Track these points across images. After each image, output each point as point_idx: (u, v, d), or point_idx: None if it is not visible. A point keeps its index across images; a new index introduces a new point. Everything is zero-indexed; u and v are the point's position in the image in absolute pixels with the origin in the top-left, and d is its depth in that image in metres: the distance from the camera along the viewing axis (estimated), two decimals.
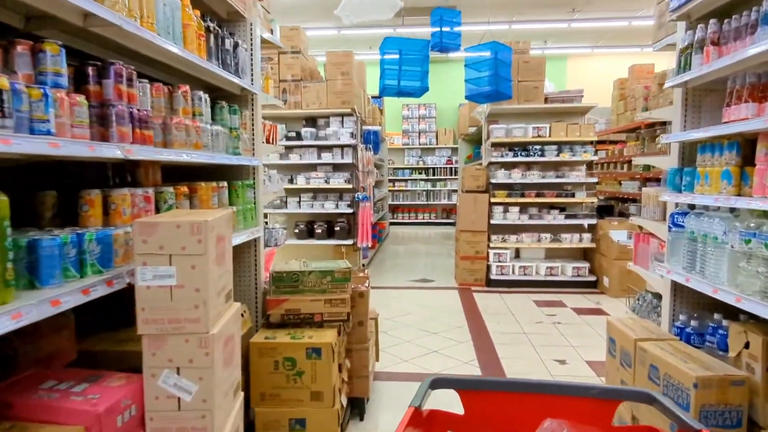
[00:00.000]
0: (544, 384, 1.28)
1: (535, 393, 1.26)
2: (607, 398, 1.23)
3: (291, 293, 2.59)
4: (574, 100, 6.39)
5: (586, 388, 1.24)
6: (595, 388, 1.24)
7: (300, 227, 6.62)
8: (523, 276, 6.30)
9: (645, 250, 2.99)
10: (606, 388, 1.26)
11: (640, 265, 3.10)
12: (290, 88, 6.44)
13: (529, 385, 1.28)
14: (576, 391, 1.25)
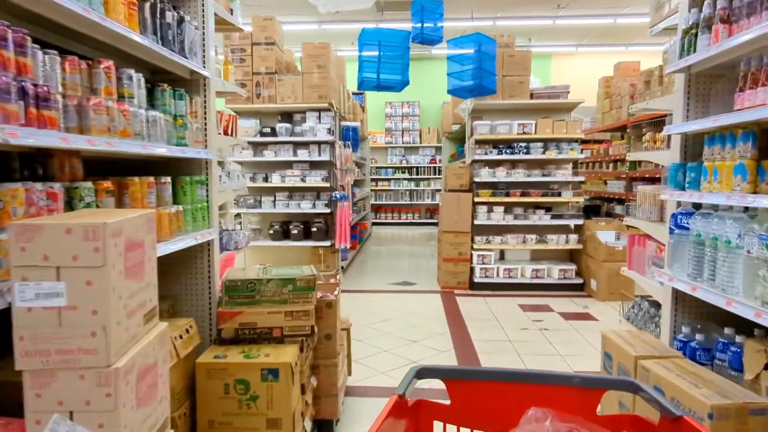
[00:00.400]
0: (529, 373, 1.28)
1: (520, 382, 1.27)
2: (591, 387, 1.23)
3: (246, 305, 2.27)
4: (560, 96, 6.15)
5: (570, 378, 1.25)
6: (580, 377, 1.24)
7: (275, 228, 6.28)
8: (507, 279, 6.04)
9: (641, 253, 2.74)
10: (590, 377, 1.25)
11: (635, 270, 2.85)
12: (264, 82, 6.10)
13: (515, 374, 1.28)
14: (561, 380, 1.25)
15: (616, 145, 9.51)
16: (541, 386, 1.26)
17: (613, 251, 5.52)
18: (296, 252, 6.66)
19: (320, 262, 6.42)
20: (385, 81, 5.57)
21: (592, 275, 5.77)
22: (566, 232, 6.27)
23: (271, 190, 6.49)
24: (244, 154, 6.28)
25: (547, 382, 1.26)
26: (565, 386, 1.24)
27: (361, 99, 10.31)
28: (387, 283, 6.54)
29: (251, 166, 6.67)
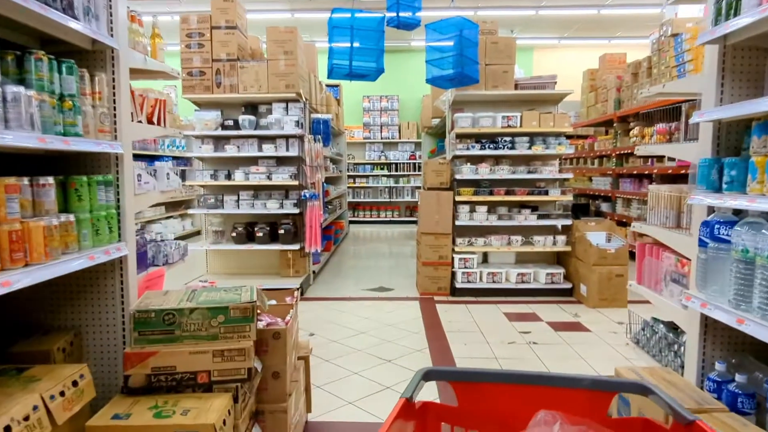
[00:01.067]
0: (537, 375, 1.27)
1: (529, 384, 1.25)
2: (601, 390, 1.22)
3: (163, 342, 1.75)
4: (546, 87, 5.71)
5: (579, 380, 1.23)
6: (590, 379, 1.23)
7: (238, 230, 5.73)
8: (491, 284, 5.60)
9: (655, 267, 2.30)
10: (600, 380, 1.23)
11: (647, 286, 2.40)
12: (225, 69, 5.54)
13: (523, 376, 1.27)
14: (570, 382, 1.23)
15: (601, 141, 9.15)
16: (550, 389, 1.24)
17: (605, 254, 5.11)
18: (263, 256, 6.13)
19: (289, 267, 5.90)
20: (358, 69, 5.06)
21: (581, 280, 5.36)
22: (554, 233, 5.85)
23: (234, 188, 5.94)
24: (204, 149, 5.71)
25: (556, 385, 1.23)
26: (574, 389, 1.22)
27: (336, 91, 9.77)
28: (362, 288, 6.05)
29: (212, 162, 6.11)
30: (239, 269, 6.22)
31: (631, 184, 7.87)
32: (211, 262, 6.24)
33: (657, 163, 7.11)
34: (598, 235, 5.43)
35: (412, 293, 5.80)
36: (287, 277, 5.90)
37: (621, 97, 8.25)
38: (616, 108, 8.36)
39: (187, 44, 5.49)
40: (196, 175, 5.84)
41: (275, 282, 5.71)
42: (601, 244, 5.25)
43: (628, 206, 8.00)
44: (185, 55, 5.52)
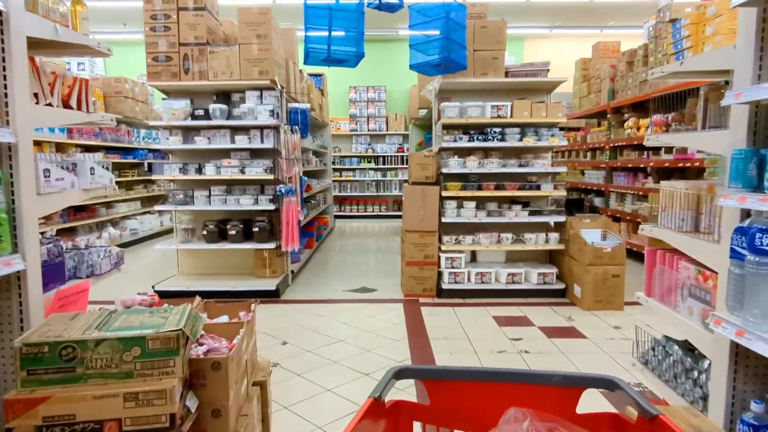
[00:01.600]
0: (509, 372, 1.26)
1: (500, 382, 1.25)
2: (570, 386, 1.22)
3: (60, 383, 1.38)
4: (539, 74, 5.35)
5: (549, 376, 1.23)
6: (559, 376, 1.22)
7: (209, 228, 5.34)
8: (480, 284, 5.26)
9: (669, 278, 1.96)
10: (569, 375, 1.22)
11: (659, 299, 2.06)
12: (193, 54, 5.12)
13: (494, 373, 1.27)
14: (540, 379, 1.24)
15: (594, 133, 8.83)
16: (521, 385, 1.24)
17: (601, 253, 4.79)
18: (237, 255, 5.75)
19: (265, 267, 5.52)
20: (336, 53, 4.68)
21: (575, 280, 5.04)
22: (546, 230, 5.53)
23: (205, 183, 5.54)
24: (172, 140, 5.30)
25: (527, 381, 1.24)
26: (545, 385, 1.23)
27: (320, 81, 9.36)
28: (344, 289, 5.69)
29: (182, 155, 5.69)
30: (212, 269, 5.83)
31: (625, 178, 7.57)
32: (182, 262, 5.85)
33: (653, 156, 6.81)
34: (593, 233, 5.11)
35: (396, 294, 5.45)
36: (263, 278, 5.52)
37: (615, 87, 7.93)
38: (610, 98, 8.04)
39: (151, 27, 5.07)
40: (164, 169, 5.42)
41: (250, 283, 5.34)
42: (596, 242, 4.92)
43: (622, 201, 7.70)
44: (150, 39, 5.09)
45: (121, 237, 8.50)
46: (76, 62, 8.80)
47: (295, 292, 5.56)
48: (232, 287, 5.25)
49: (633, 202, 7.34)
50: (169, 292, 5.26)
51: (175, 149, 5.45)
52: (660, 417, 1.05)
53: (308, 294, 5.50)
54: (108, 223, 8.36)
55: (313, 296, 5.40)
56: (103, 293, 5.64)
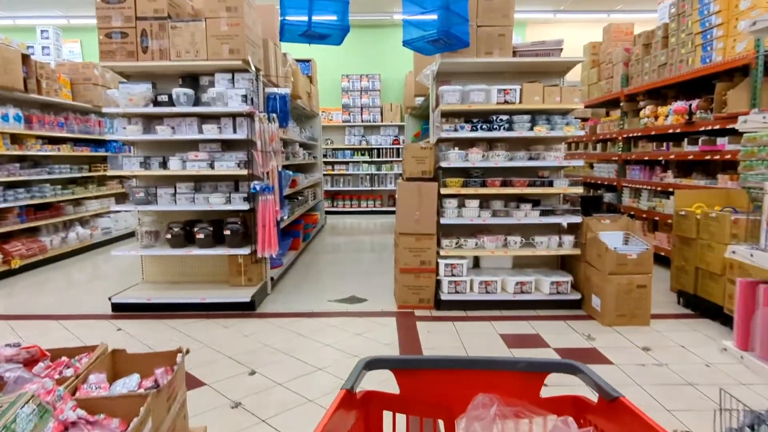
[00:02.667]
0: (476, 360, 1.29)
1: (468, 369, 1.29)
2: (534, 371, 1.26)
3: None
4: (551, 54, 4.67)
5: (514, 363, 1.27)
6: (523, 362, 1.26)
7: (174, 230, 4.66)
8: (484, 294, 4.61)
9: None
10: (533, 362, 1.27)
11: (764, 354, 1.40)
12: (153, 30, 4.42)
13: (462, 361, 1.30)
14: (506, 365, 1.28)
15: (605, 123, 8.17)
16: (488, 372, 1.27)
17: (624, 260, 4.13)
18: (209, 262, 5.09)
19: (240, 275, 4.86)
20: (317, 27, 3.98)
21: (594, 290, 4.39)
22: (559, 232, 4.88)
23: (171, 179, 4.87)
24: (130, 130, 4.61)
25: (493, 368, 1.28)
26: (510, 371, 1.26)
27: (308, 68, 8.65)
28: (329, 299, 5.03)
29: (143, 147, 5.01)
30: (181, 276, 5.17)
31: (640, 172, 6.91)
32: (147, 268, 5.18)
33: (674, 147, 6.15)
34: (614, 236, 4.46)
35: (389, 305, 4.80)
36: (238, 287, 4.86)
37: (630, 72, 7.25)
38: (623, 85, 7.36)
39: None
40: (122, 163, 4.74)
41: (221, 294, 4.67)
42: (619, 247, 4.27)
43: (637, 197, 7.04)
44: (102, 12, 4.39)
45: (92, 237, 7.82)
46: (40, 46, 8.07)
47: (273, 304, 4.90)
48: (200, 299, 4.58)
49: (650, 198, 6.69)
50: (127, 305, 4.60)
51: (135, 140, 4.76)
52: (620, 399, 1.09)
53: (289, 305, 4.83)
54: (76, 222, 7.67)
55: (294, 308, 4.74)
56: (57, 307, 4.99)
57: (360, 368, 1.25)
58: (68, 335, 4.07)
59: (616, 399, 1.09)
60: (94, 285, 5.70)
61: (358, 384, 1.21)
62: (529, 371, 1.26)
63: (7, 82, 5.87)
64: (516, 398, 1.19)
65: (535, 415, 1.18)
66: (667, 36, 6.30)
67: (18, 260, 6.11)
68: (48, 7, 10.90)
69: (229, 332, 4.09)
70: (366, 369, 1.27)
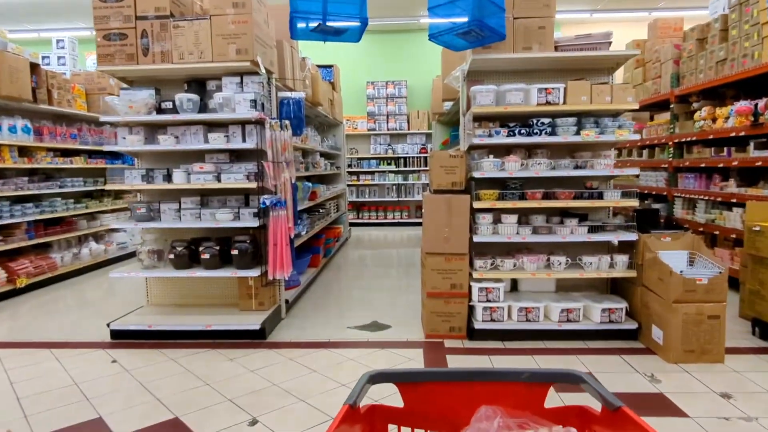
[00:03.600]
0: (478, 372, 1.29)
1: (471, 381, 1.29)
2: (538, 382, 1.26)
3: None
4: (598, 48, 4.09)
5: (518, 373, 1.26)
6: (527, 372, 1.26)
7: (178, 250, 4.23)
8: (524, 323, 4.03)
9: None
10: (536, 372, 1.26)
11: None
12: (154, 31, 4.03)
13: (464, 373, 1.30)
14: (509, 376, 1.27)
15: (652, 127, 7.47)
16: (491, 384, 1.27)
17: (693, 286, 3.50)
18: (218, 284, 4.66)
19: (251, 298, 4.40)
20: (333, 18, 3.50)
21: (654, 319, 3.76)
22: (609, 250, 4.26)
23: (174, 193, 4.46)
24: (130, 140, 4.22)
25: (496, 380, 1.28)
26: (513, 383, 1.26)
27: (330, 74, 8.23)
28: (349, 326, 4.52)
29: (147, 158, 4.63)
30: (188, 299, 4.74)
31: (695, 181, 6.21)
32: (152, 290, 4.77)
33: (737, 153, 5.45)
34: (678, 256, 3.82)
35: (416, 333, 4.26)
36: (248, 311, 4.41)
37: (681, 71, 6.57)
38: (673, 85, 6.68)
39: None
40: (124, 176, 4.35)
41: (230, 320, 4.22)
42: (685, 270, 3.64)
43: (692, 208, 6.34)
44: (99, 12, 4.03)
45: (106, 252, 7.52)
46: (56, 56, 7.87)
47: (287, 330, 4.42)
48: (205, 326, 4.13)
49: (707, 210, 5.98)
50: (127, 332, 4.18)
51: (135, 151, 4.38)
52: (622, 408, 1.08)
53: (303, 333, 4.34)
54: (90, 237, 7.38)
55: (310, 336, 4.24)
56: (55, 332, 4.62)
57: (363, 383, 1.25)
58: (58, 368, 3.66)
59: (619, 408, 1.09)
60: (99, 307, 5.33)
61: (361, 399, 1.20)
62: (532, 382, 1.26)
63: (14, 92, 5.60)
64: (520, 409, 1.19)
65: (539, 426, 1.17)
66: (726, 29, 5.63)
67: (24, 279, 5.80)
68: (72, 19, 10.84)
69: (233, 366, 3.62)
70: (369, 383, 1.26)
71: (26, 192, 6.00)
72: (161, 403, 3.09)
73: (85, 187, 7.12)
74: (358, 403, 1.19)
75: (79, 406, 3.07)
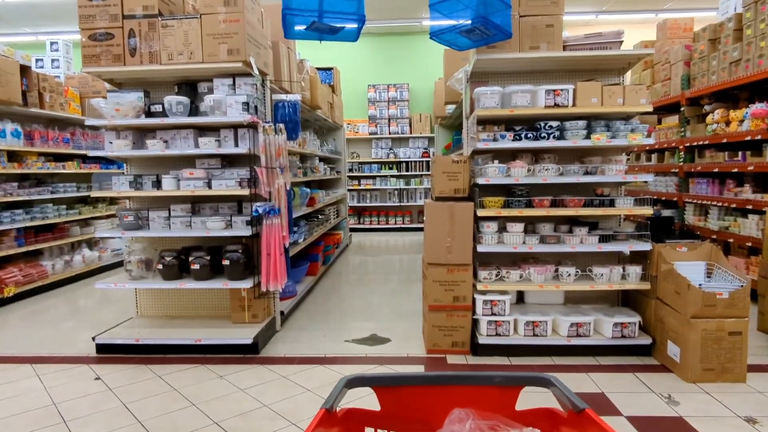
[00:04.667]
0: (452, 376, 1.33)
1: (445, 385, 1.32)
2: (509, 385, 1.31)
3: None
4: (609, 47, 3.88)
5: (490, 377, 1.31)
6: (499, 376, 1.30)
7: (167, 260, 4.03)
8: (531, 337, 3.81)
9: None
10: (508, 375, 1.31)
11: None
12: (141, 30, 3.84)
13: (438, 377, 1.33)
14: (482, 380, 1.32)
15: (661, 131, 7.25)
16: (464, 387, 1.32)
17: (712, 300, 3.27)
18: (208, 295, 4.46)
19: (243, 310, 4.20)
20: (329, 15, 3.30)
21: (670, 335, 3.53)
22: (620, 261, 4.04)
23: (163, 200, 4.26)
24: (116, 145, 4.02)
25: (469, 383, 1.32)
26: (486, 386, 1.31)
27: (329, 76, 8.04)
28: (346, 339, 4.31)
29: (136, 164, 4.43)
30: (179, 311, 4.54)
31: (708, 186, 5.98)
32: (142, 301, 4.57)
33: (752, 157, 5.22)
34: (695, 268, 3.60)
35: (416, 347, 4.04)
36: (240, 324, 4.20)
37: (692, 72, 6.35)
38: (684, 87, 6.46)
39: None
40: (112, 183, 4.16)
41: (221, 333, 4.01)
42: (704, 283, 3.41)
43: (704, 215, 6.10)
44: (85, 11, 3.85)
45: (100, 259, 7.33)
46: (50, 59, 7.71)
47: (281, 345, 4.20)
48: (195, 340, 3.92)
49: (721, 217, 5.75)
50: (113, 346, 3.98)
51: (122, 156, 4.18)
52: (586, 411, 1.13)
53: (298, 347, 4.13)
54: (83, 243, 7.19)
55: (305, 351, 4.03)
56: (39, 345, 4.43)
57: (340, 387, 1.27)
58: (38, 386, 3.46)
59: (583, 411, 1.13)
60: (89, 317, 5.13)
61: (337, 403, 1.22)
62: (504, 385, 1.30)
63: (2, 95, 5.43)
64: (491, 412, 1.24)
65: (509, 428, 1.21)
66: (740, 28, 5.41)
67: (12, 288, 5.61)
68: (69, 22, 10.69)
69: (222, 385, 3.40)
70: (347, 387, 1.29)
71: (16, 198, 5.81)
72: (143, 426, 2.88)
73: (78, 193, 6.94)
74: (335, 408, 1.22)
75: (54, 430, 2.86)
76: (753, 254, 5.22)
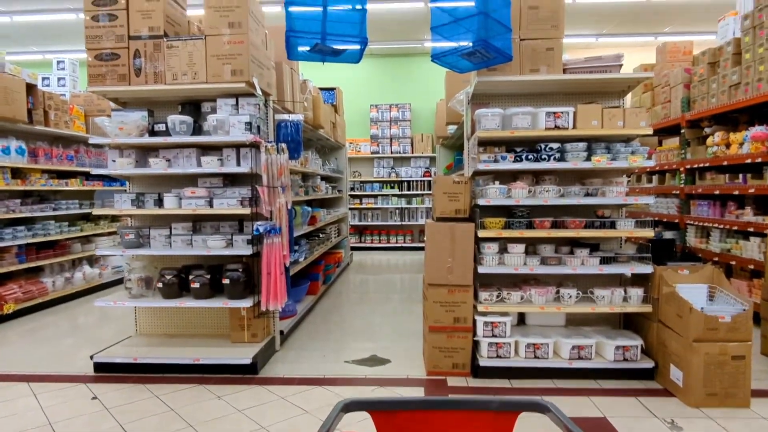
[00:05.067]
0: (449, 401, 1.33)
1: (443, 410, 1.33)
2: (506, 410, 1.31)
3: None
4: (609, 70, 3.92)
5: (487, 402, 1.31)
6: (496, 401, 1.31)
7: (167, 278, 4.02)
8: (533, 360, 3.77)
9: None
10: (505, 401, 1.31)
11: None
12: (147, 51, 3.90)
13: (435, 402, 1.35)
14: (479, 405, 1.32)
15: (662, 152, 7.28)
16: (461, 412, 1.32)
17: (715, 325, 3.25)
18: (208, 314, 4.44)
19: (243, 330, 4.17)
20: (332, 38, 3.35)
21: (672, 359, 3.50)
22: (622, 283, 4.03)
23: (165, 219, 4.28)
24: (119, 163, 4.05)
25: (466, 408, 1.32)
26: (483, 411, 1.31)
27: (332, 96, 8.11)
28: (346, 359, 4.27)
29: (139, 182, 4.45)
30: (178, 329, 4.52)
31: (709, 208, 5.98)
32: (141, 319, 4.55)
33: (752, 180, 5.23)
34: (697, 291, 3.58)
35: (417, 369, 4.01)
36: (239, 344, 4.17)
37: (691, 95, 6.40)
38: (684, 110, 6.51)
39: (93, 15, 3.88)
40: (114, 201, 4.17)
41: (221, 353, 3.99)
42: (706, 307, 3.39)
43: (706, 237, 6.09)
44: (91, 32, 3.91)
45: (101, 276, 7.32)
46: (56, 77, 7.80)
47: (281, 365, 4.17)
48: (193, 360, 3.89)
49: (722, 239, 5.74)
50: (111, 365, 3.95)
51: (125, 174, 4.21)
52: None
53: (298, 367, 4.09)
54: (84, 260, 7.19)
55: (304, 371, 4.00)
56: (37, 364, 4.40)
57: (337, 411, 1.27)
58: (34, 405, 3.42)
59: None
60: (88, 334, 5.11)
61: (334, 428, 1.23)
62: (501, 411, 1.30)
63: (8, 113, 5.48)
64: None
65: None
66: (739, 52, 5.47)
67: (12, 305, 5.59)
68: (76, 42, 10.85)
69: (220, 406, 3.37)
70: (344, 411, 1.29)
71: (18, 215, 5.83)
72: None
73: (81, 210, 6.96)
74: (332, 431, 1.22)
75: None
76: (755, 277, 5.19)
